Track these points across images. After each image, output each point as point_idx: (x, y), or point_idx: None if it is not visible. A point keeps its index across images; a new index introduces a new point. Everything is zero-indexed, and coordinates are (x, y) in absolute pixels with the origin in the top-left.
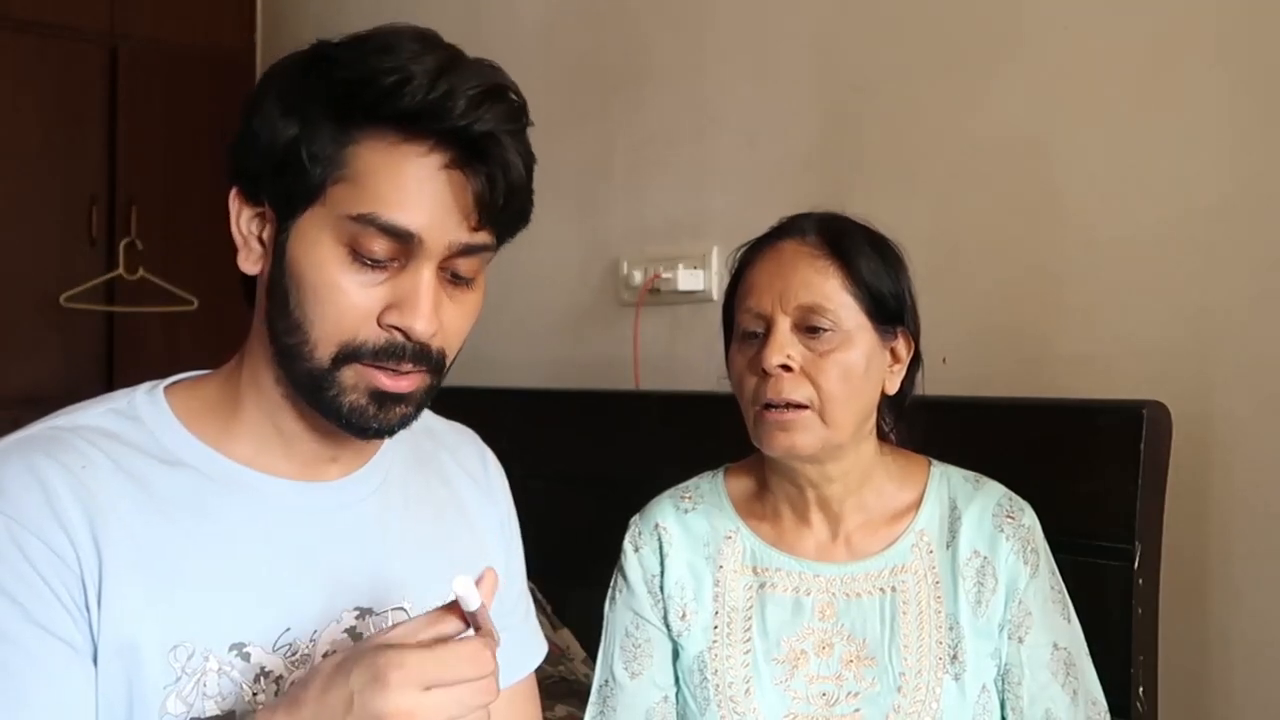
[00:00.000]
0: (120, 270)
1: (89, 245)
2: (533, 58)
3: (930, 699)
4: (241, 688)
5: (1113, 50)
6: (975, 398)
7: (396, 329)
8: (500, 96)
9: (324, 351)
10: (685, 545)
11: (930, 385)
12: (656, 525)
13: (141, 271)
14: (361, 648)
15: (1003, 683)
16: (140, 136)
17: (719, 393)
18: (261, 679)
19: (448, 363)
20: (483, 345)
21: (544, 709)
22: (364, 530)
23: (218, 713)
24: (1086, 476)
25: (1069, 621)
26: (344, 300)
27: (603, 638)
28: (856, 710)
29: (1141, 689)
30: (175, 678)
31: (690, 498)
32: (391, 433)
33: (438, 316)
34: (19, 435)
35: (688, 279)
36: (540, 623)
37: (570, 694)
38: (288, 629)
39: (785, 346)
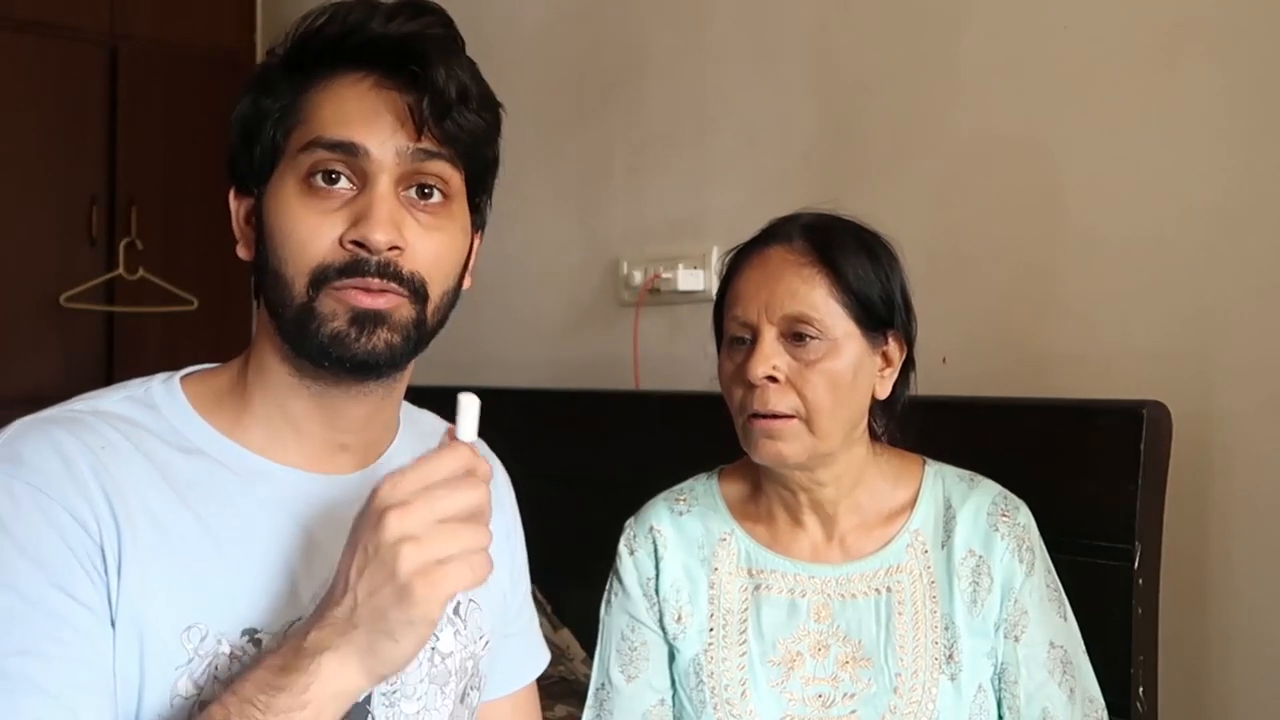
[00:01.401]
0: (120, 270)
1: (89, 245)
2: (533, 58)
3: (926, 699)
4: None
5: (1112, 50)
6: (974, 398)
7: (356, 243)
8: (416, 10)
9: (299, 284)
10: (680, 548)
11: (930, 385)
12: (651, 528)
13: (141, 271)
14: (368, 532)
15: (999, 682)
16: (140, 136)
17: (719, 393)
18: None
19: (430, 294)
20: (483, 345)
21: (544, 709)
22: None
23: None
24: (1086, 476)
25: (1065, 620)
26: (305, 228)
27: (598, 641)
28: (853, 711)
29: (1141, 689)
30: (188, 659)
31: (685, 500)
32: (379, 363)
33: (397, 229)
34: (37, 415)
35: (688, 279)
36: (540, 623)
37: (570, 694)
38: (299, 618)
39: (771, 357)
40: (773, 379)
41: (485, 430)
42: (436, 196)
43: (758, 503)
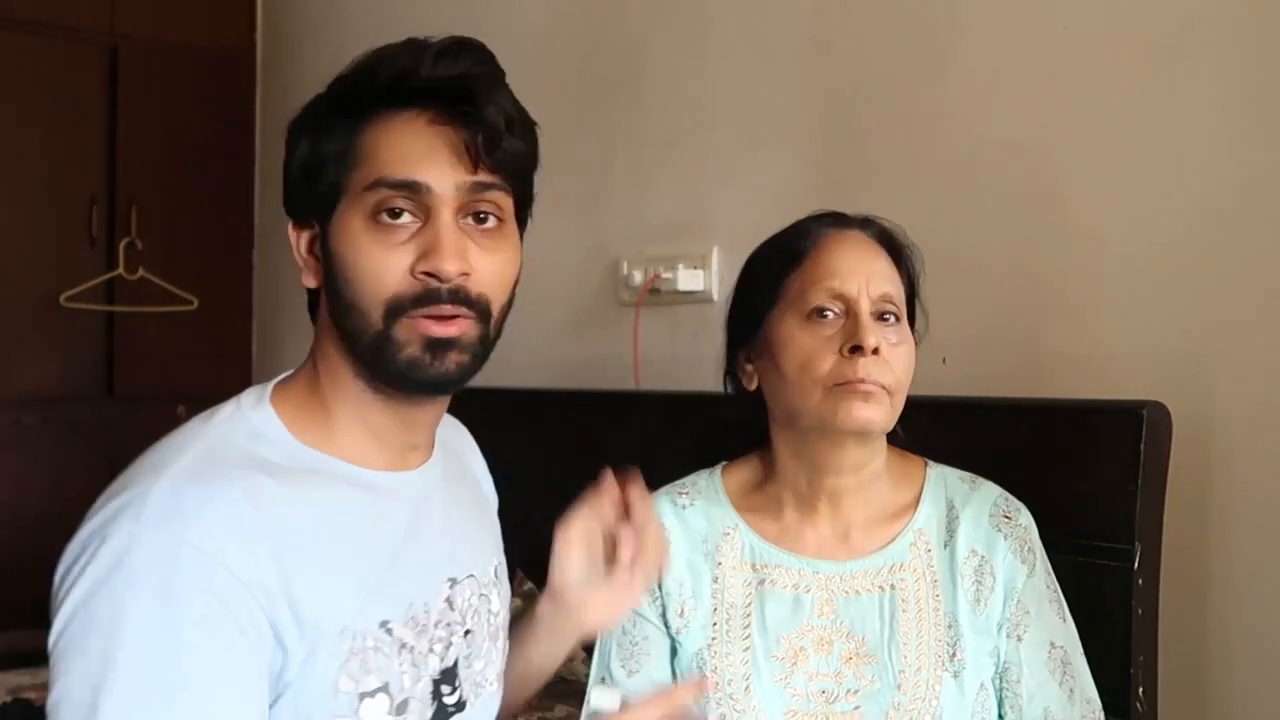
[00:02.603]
0: (120, 270)
1: (89, 245)
2: (533, 58)
3: (930, 696)
4: (390, 660)
5: (1113, 50)
6: (975, 398)
7: (428, 274)
8: (464, 48)
9: (375, 315)
10: (683, 542)
11: (930, 385)
12: None
13: (141, 271)
14: None
15: (1001, 681)
16: (140, 136)
17: (719, 393)
18: (402, 650)
19: (493, 311)
20: None
21: (544, 709)
22: (439, 511)
23: (381, 684)
24: (1086, 477)
25: (1065, 621)
26: (377, 262)
27: (599, 636)
28: (856, 708)
29: (1141, 689)
30: (345, 659)
31: (688, 494)
32: (451, 383)
33: (464, 258)
34: (178, 460)
35: (688, 279)
36: None
37: (570, 694)
38: (411, 603)
39: (877, 329)
40: (876, 350)
41: (485, 430)
42: (492, 221)
43: (765, 494)
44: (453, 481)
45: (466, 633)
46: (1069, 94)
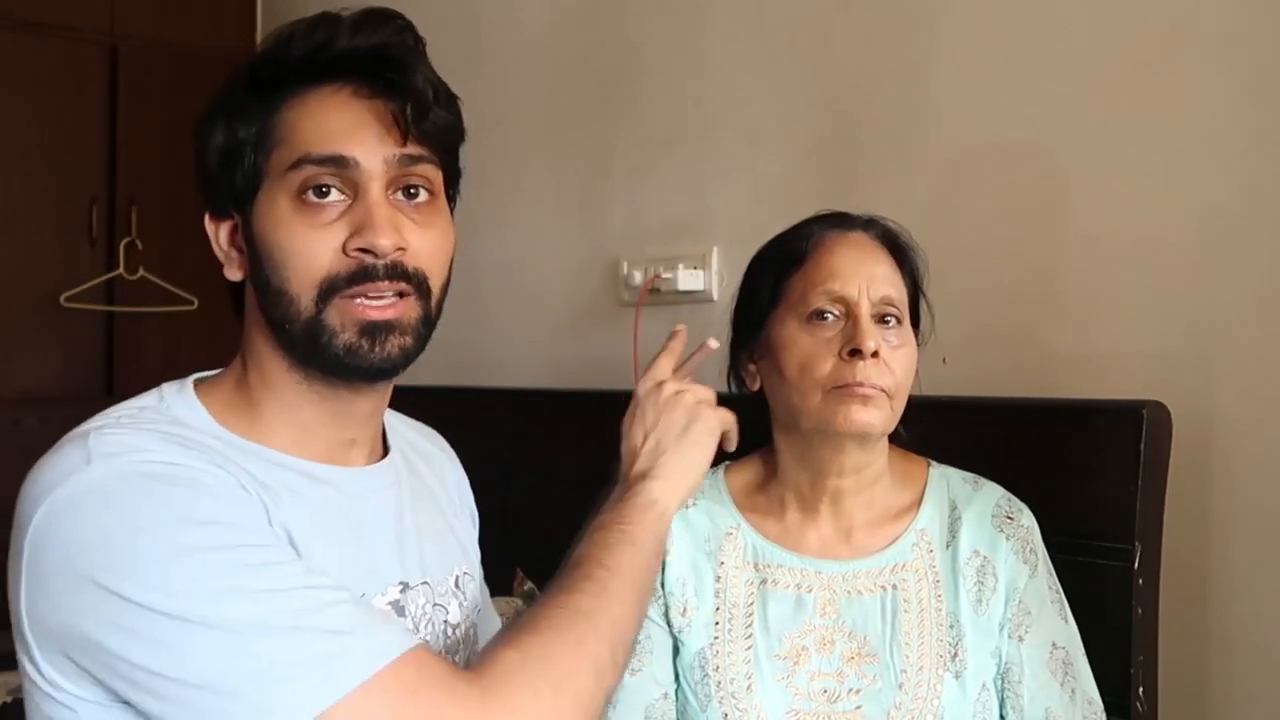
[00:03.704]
0: (120, 270)
1: (89, 245)
2: (533, 58)
3: (931, 696)
4: None
5: (1113, 50)
6: (975, 398)
7: (362, 250)
8: (381, 18)
9: (306, 298)
10: (686, 541)
11: (930, 385)
12: None
13: (141, 271)
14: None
15: (1002, 681)
16: (140, 136)
17: (719, 393)
18: None
19: (433, 288)
20: (483, 345)
21: None
22: (390, 512)
23: None
24: (1086, 477)
25: (1066, 622)
26: (307, 244)
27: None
28: (858, 707)
29: (1141, 689)
30: None
31: None
32: (393, 368)
33: (399, 232)
34: (96, 426)
35: (688, 279)
36: None
37: None
38: (362, 595)
39: (877, 332)
40: (875, 354)
41: (485, 430)
42: (423, 195)
43: (768, 495)
44: (413, 487)
45: None
46: (1069, 94)
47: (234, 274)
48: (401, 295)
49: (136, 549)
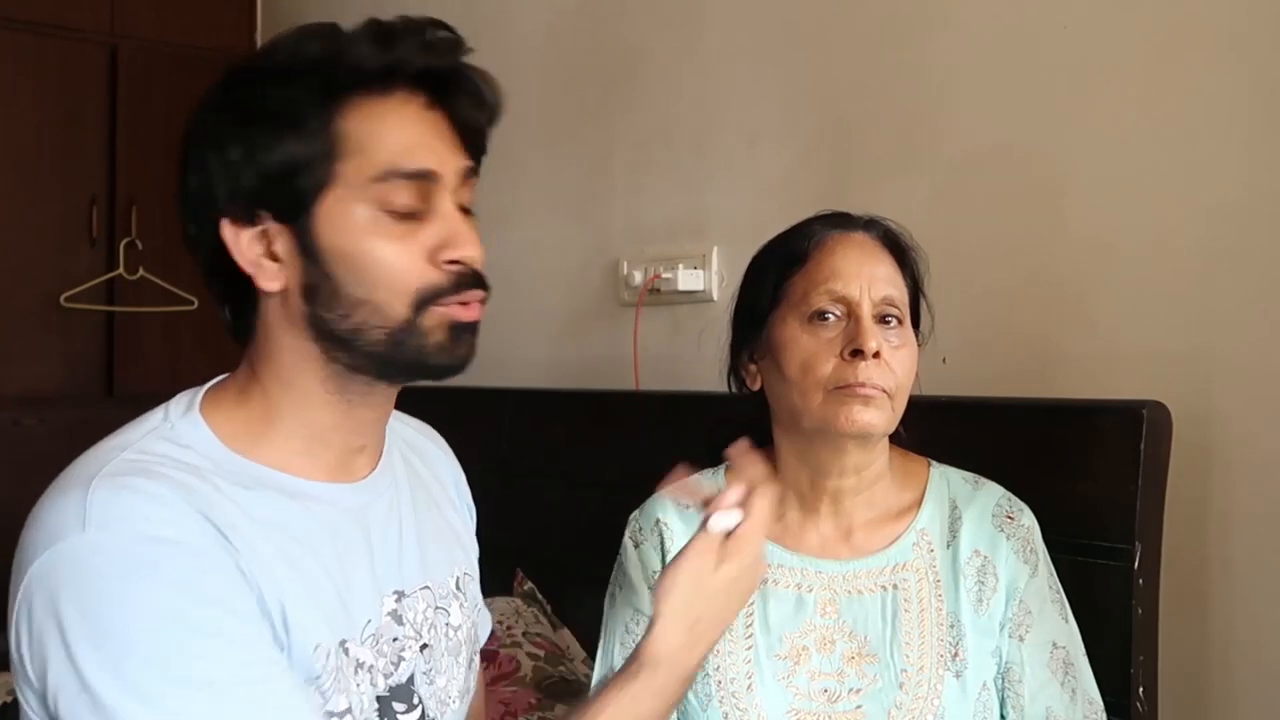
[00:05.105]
0: (120, 270)
1: (89, 245)
2: (533, 58)
3: (932, 695)
4: (349, 681)
5: (1113, 50)
6: (975, 398)
7: (456, 262)
8: (440, 30)
9: (400, 305)
10: (686, 541)
11: (930, 385)
12: (657, 521)
13: (141, 271)
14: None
15: (1003, 681)
16: (140, 136)
17: (719, 393)
18: (359, 670)
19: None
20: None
21: (544, 709)
22: (389, 522)
23: (347, 706)
24: (1087, 477)
25: (1067, 621)
26: (397, 255)
27: (602, 634)
28: (858, 707)
29: (1141, 689)
30: (317, 675)
31: None
32: (464, 366)
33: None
34: (100, 470)
35: (688, 279)
36: (540, 622)
37: (570, 694)
38: (369, 620)
39: (878, 333)
40: (877, 354)
41: (485, 430)
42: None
43: None
44: (412, 488)
45: (424, 647)
46: (1069, 94)
47: (270, 284)
48: (482, 301)
49: (107, 629)
